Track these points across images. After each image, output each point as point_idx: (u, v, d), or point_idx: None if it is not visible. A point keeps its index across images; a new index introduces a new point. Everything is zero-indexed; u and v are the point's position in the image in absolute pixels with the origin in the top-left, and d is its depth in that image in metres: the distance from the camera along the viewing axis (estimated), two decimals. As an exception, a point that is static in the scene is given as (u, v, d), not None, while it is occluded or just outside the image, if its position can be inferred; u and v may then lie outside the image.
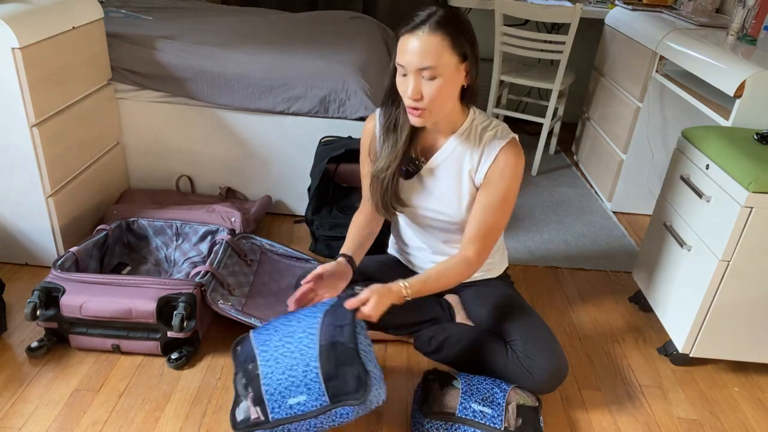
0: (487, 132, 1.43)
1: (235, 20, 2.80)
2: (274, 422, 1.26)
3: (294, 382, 1.26)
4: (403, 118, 1.43)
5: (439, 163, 1.48)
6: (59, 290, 1.59)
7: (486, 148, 1.42)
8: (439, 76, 1.27)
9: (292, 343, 1.30)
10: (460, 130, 1.44)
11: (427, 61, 1.25)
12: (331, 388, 1.25)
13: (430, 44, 1.24)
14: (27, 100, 1.72)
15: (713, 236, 1.57)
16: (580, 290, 2.10)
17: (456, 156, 1.46)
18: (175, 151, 2.35)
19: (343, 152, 2.07)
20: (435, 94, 1.28)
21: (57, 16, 1.82)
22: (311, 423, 1.26)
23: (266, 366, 1.30)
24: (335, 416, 1.27)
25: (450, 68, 1.28)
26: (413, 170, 1.49)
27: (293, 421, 1.25)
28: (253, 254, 2.00)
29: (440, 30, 1.25)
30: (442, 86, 1.28)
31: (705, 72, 1.93)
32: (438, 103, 1.31)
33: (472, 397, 1.42)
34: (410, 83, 1.29)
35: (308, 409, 1.25)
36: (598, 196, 2.81)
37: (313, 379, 1.25)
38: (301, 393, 1.25)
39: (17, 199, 1.87)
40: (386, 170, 1.46)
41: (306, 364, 1.26)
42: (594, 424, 1.55)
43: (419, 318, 1.67)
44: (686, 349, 1.69)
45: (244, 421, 1.28)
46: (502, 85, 3.30)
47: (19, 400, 1.49)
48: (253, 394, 1.29)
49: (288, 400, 1.25)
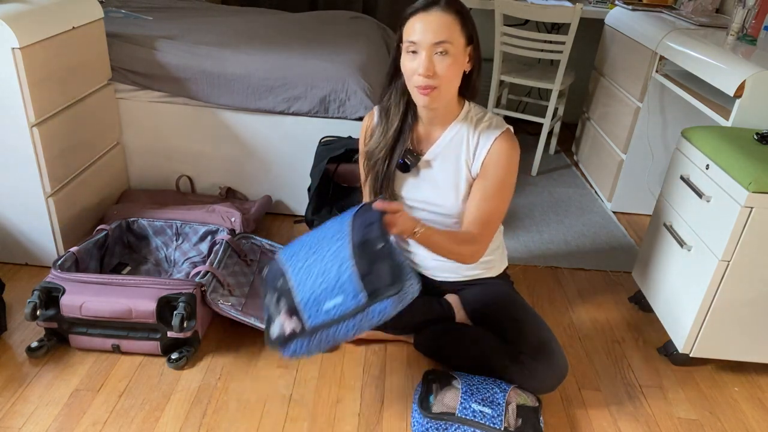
0: (482, 123, 1.47)
1: (235, 20, 2.80)
2: (311, 329, 1.21)
3: (328, 286, 1.22)
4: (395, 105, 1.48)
5: (436, 154, 1.50)
6: (59, 290, 1.59)
7: (481, 139, 1.45)
8: (450, 52, 1.33)
9: (323, 249, 1.28)
10: (456, 120, 1.48)
11: (442, 35, 1.31)
12: (367, 284, 1.20)
13: (444, 21, 1.32)
14: (27, 100, 1.72)
15: (713, 236, 1.57)
16: (580, 290, 2.10)
17: (452, 147, 1.48)
18: (175, 151, 2.35)
19: (343, 152, 2.07)
20: (445, 71, 1.33)
21: (57, 16, 1.82)
22: (350, 325, 1.21)
23: (297, 276, 1.27)
24: (374, 314, 1.21)
25: (459, 47, 1.34)
26: (411, 162, 1.51)
27: (331, 324, 1.21)
28: (253, 254, 2.00)
29: (452, 10, 1.33)
30: (452, 64, 1.34)
31: (705, 72, 1.93)
32: (447, 81, 1.36)
33: (472, 397, 1.42)
34: (422, 60, 1.33)
35: (346, 310, 1.20)
36: (598, 196, 2.81)
37: (348, 279, 1.21)
38: (337, 295, 1.21)
39: (17, 199, 1.87)
40: (378, 154, 1.49)
41: (339, 266, 1.23)
42: (594, 424, 1.55)
43: (419, 318, 1.67)
44: (686, 349, 1.69)
45: (280, 336, 1.24)
46: (502, 85, 3.30)
47: (19, 400, 1.49)
48: (287, 307, 1.25)
49: (324, 305, 1.21)
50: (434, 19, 1.32)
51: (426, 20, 1.32)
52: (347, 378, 1.64)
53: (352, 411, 1.53)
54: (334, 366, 1.68)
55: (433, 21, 1.32)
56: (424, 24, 1.32)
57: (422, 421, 1.41)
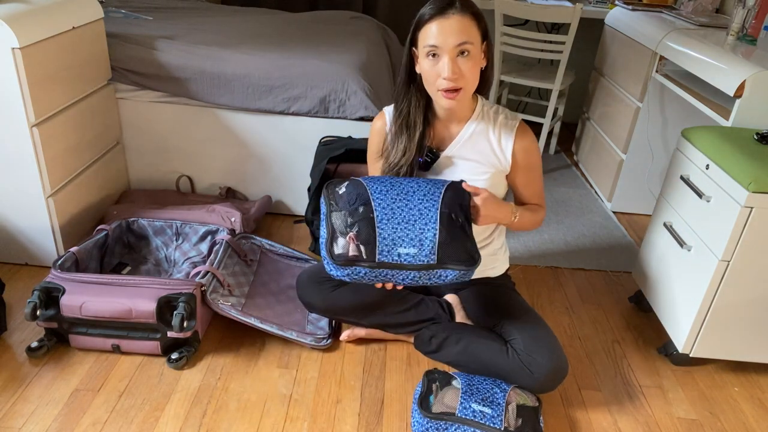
0: (498, 116, 1.52)
1: (234, 20, 2.80)
2: (378, 263, 1.32)
3: (409, 235, 1.34)
4: (415, 112, 1.49)
5: (458, 150, 1.52)
6: (59, 290, 1.59)
7: (503, 133, 1.51)
8: (471, 53, 1.36)
9: (412, 202, 1.38)
10: (473, 116, 1.51)
11: (464, 36, 1.34)
12: (441, 251, 1.33)
13: (463, 22, 1.34)
14: (27, 100, 1.72)
15: (713, 236, 1.57)
16: (580, 290, 2.10)
17: (473, 141, 1.51)
18: (175, 151, 2.35)
19: (343, 152, 2.07)
20: (469, 71, 1.37)
21: (57, 16, 1.82)
22: (410, 275, 1.34)
23: (383, 213, 1.36)
24: (434, 275, 1.35)
25: (477, 47, 1.38)
26: (432, 159, 1.52)
27: (396, 268, 1.32)
28: (253, 254, 2.00)
29: (468, 10, 1.36)
30: (474, 64, 1.38)
31: (705, 72, 1.93)
32: (471, 82, 1.39)
33: (472, 397, 1.42)
34: (446, 63, 1.35)
35: (415, 262, 1.32)
36: (598, 196, 2.81)
37: (429, 238, 1.33)
38: (414, 246, 1.33)
39: (17, 199, 1.87)
40: (401, 166, 1.51)
41: (425, 223, 1.35)
42: (594, 424, 1.55)
43: (419, 318, 1.67)
44: (686, 349, 1.69)
45: (342, 255, 1.33)
46: (502, 85, 3.30)
47: (19, 400, 1.49)
48: (361, 235, 1.34)
49: (398, 249, 1.33)
50: (453, 22, 1.33)
51: (445, 24, 1.33)
52: (347, 378, 1.64)
53: (352, 411, 1.53)
54: (334, 366, 1.68)
55: (453, 24, 1.33)
56: (444, 28, 1.33)
57: (422, 421, 1.41)
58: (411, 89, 1.48)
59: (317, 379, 1.63)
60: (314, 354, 1.71)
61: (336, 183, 1.45)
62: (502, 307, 1.60)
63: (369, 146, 1.62)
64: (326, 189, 1.44)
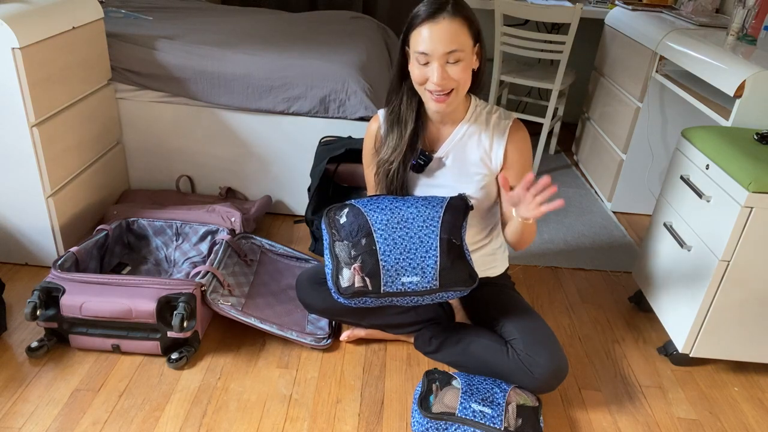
0: (492, 116, 1.51)
1: (235, 20, 2.80)
2: (384, 293, 1.40)
3: (411, 264, 1.40)
4: (407, 111, 1.48)
5: (448, 151, 1.52)
6: (59, 290, 1.59)
7: (495, 132, 1.49)
8: (461, 59, 1.34)
9: (412, 230, 1.43)
10: (466, 117, 1.50)
11: (454, 44, 1.32)
12: (443, 276, 1.40)
13: (453, 28, 1.32)
14: (27, 100, 1.72)
15: (713, 236, 1.57)
16: (580, 290, 2.10)
17: (465, 142, 1.51)
18: (175, 151, 2.35)
19: (343, 152, 2.07)
20: (459, 76, 1.35)
21: (57, 16, 1.82)
22: (414, 299, 1.43)
23: (384, 244, 1.41)
24: (436, 297, 1.43)
25: (468, 50, 1.35)
26: (424, 162, 1.51)
27: (400, 295, 1.41)
28: (253, 254, 2.00)
29: (458, 14, 1.32)
30: (464, 69, 1.36)
31: (705, 72, 1.93)
32: (463, 86, 1.38)
33: (472, 397, 1.42)
34: (436, 70, 1.34)
35: (418, 289, 1.40)
36: (598, 196, 2.81)
37: (430, 266, 1.40)
38: (416, 275, 1.40)
39: (17, 199, 1.87)
40: (392, 162, 1.50)
41: (425, 251, 1.41)
42: (594, 424, 1.55)
43: (419, 318, 1.67)
44: (686, 349, 1.69)
45: (349, 288, 1.40)
46: (502, 85, 3.30)
47: (19, 400, 1.49)
48: (366, 267, 1.39)
49: (402, 278, 1.40)
50: (443, 28, 1.31)
51: (435, 29, 1.31)
52: (347, 378, 1.64)
53: (352, 411, 1.53)
54: (334, 366, 1.68)
55: (443, 30, 1.31)
56: (434, 33, 1.31)
57: (422, 421, 1.41)
58: (403, 87, 1.47)
59: (317, 379, 1.63)
60: (314, 354, 1.71)
61: (336, 210, 1.49)
62: (502, 307, 1.60)
63: (364, 149, 1.62)
64: (327, 217, 1.48)
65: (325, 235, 1.47)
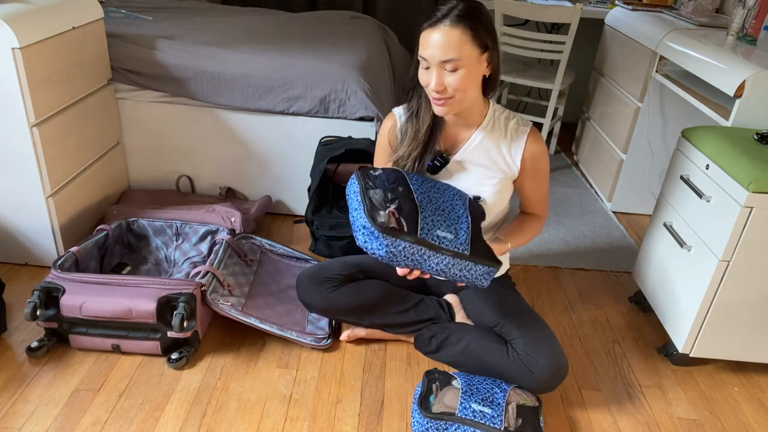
0: (510, 122, 1.51)
1: (235, 20, 2.80)
2: (419, 239, 1.30)
3: (446, 220, 1.35)
4: (425, 108, 1.48)
5: (467, 155, 1.52)
6: (59, 290, 1.59)
7: (513, 139, 1.50)
8: (461, 67, 1.32)
9: (446, 195, 1.41)
10: (484, 122, 1.50)
11: (450, 53, 1.30)
12: (474, 246, 1.35)
13: (451, 37, 1.29)
14: (27, 100, 1.72)
15: (713, 236, 1.57)
16: (580, 290, 2.10)
17: (483, 147, 1.51)
18: (175, 151, 2.35)
19: (343, 152, 2.07)
20: (457, 84, 1.34)
21: (57, 16, 1.82)
22: (444, 260, 1.31)
23: (422, 195, 1.37)
24: (465, 267, 1.33)
25: (472, 59, 1.33)
26: (441, 164, 1.51)
27: (434, 249, 1.30)
28: (253, 254, 2.00)
29: (461, 23, 1.30)
30: (465, 77, 1.33)
31: (705, 72, 1.93)
32: (461, 93, 1.36)
33: (472, 397, 1.42)
34: (433, 76, 1.34)
35: (451, 247, 1.32)
36: (598, 196, 2.81)
37: (464, 229, 1.36)
38: (450, 232, 1.34)
39: (17, 199, 1.87)
40: (407, 158, 1.50)
41: (458, 216, 1.38)
42: (594, 424, 1.55)
43: (419, 318, 1.67)
44: (686, 349, 1.69)
45: (384, 224, 1.29)
46: (502, 85, 3.30)
47: (19, 400, 1.49)
48: (403, 211, 1.32)
49: (437, 230, 1.33)
50: (442, 36, 1.29)
51: (435, 36, 1.30)
52: (347, 378, 1.64)
53: (352, 411, 1.53)
54: (334, 366, 1.68)
55: (441, 38, 1.29)
56: (433, 40, 1.30)
57: (422, 421, 1.41)
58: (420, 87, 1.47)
59: (317, 379, 1.63)
60: (314, 354, 1.71)
61: (369, 168, 1.46)
62: (503, 307, 1.60)
63: (377, 147, 1.62)
64: (359, 172, 1.43)
65: (354, 186, 1.39)
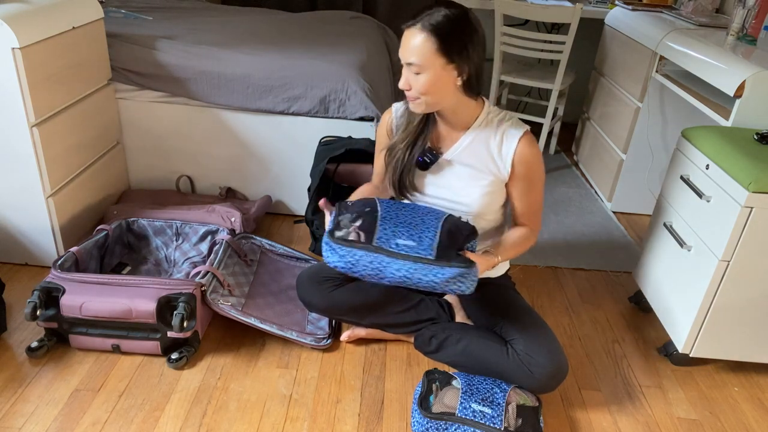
0: (502, 125, 1.49)
1: (234, 20, 2.80)
2: (375, 247, 1.31)
3: (409, 231, 1.35)
4: None
5: (458, 155, 1.52)
6: (59, 290, 1.59)
7: (505, 142, 1.48)
8: (423, 72, 1.34)
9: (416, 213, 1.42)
10: (475, 123, 1.49)
11: (411, 57, 1.33)
12: (440, 251, 1.31)
13: (415, 42, 1.32)
14: (27, 100, 1.72)
15: (713, 236, 1.57)
16: (580, 290, 2.10)
17: (474, 148, 1.50)
18: (175, 151, 2.35)
19: (343, 152, 2.07)
20: (421, 88, 1.36)
21: (57, 16, 1.82)
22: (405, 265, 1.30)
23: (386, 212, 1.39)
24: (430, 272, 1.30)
25: (435, 67, 1.34)
26: (431, 160, 1.52)
27: (392, 255, 1.30)
28: (253, 254, 2.00)
29: (428, 31, 1.31)
30: (427, 83, 1.35)
31: (705, 72, 1.93)
32: (428, 96, 1.37)
33: (472, 397, 1.42)
34: (402, 74, 1.38)
35: (412, 253, 1.30)
36: (598, 196, 2.81)
37: (429, 237, 1.33)
38: (413, 240, 1.33)
39: (17, 199, 1.87)
40: (401, 144, 1.52)
41: (427, 227, 1.36)
42: (594, 424, 1.55)
43: (419, 318, 1.67)
44: (686, 349, 1.69)
45: (343, 237, 1.34)
46: (502, 85, 3.30)
47: (19, 400, 1.49)
48: (363, 226, 1.35)
49: (396, 239, 1.33)
50: (408, 39, 1.33)
51: (404, 37, 1.35)
52: (347, 378, 1.64)
53: (352, 411, 1.53)
54: (334, 366, 1.68)
55: (407, 41, 1.34)
56: (403, 41, 1.35)
57: (422, 421, 1.41)
58: None
59: (317, 379, 1.63)
60: (314, 354, 1.71)
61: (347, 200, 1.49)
62: (502, 307, 1.60)
63: (376, 140, 1.66)
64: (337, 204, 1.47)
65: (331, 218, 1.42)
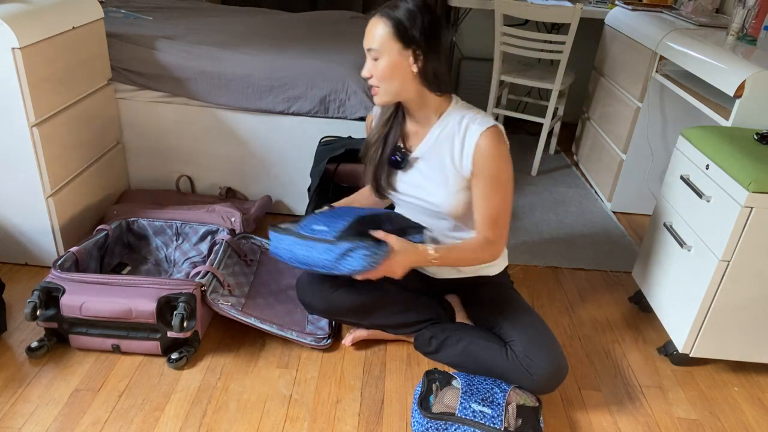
0: (465, 120, 1.46)
1: (235, 20, 2.80)
2: (297, 233, 1.46)
3: (327, 220, 1.47)
4: None
5: (423, 152, 1.52)
6: (59, 290, 1.59)
7: (467, 137, 1.45)
8: (380, 57, 1.39)
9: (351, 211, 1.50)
10: (440, 119, 1.49)
11: (370, 42, 1.38)
12: (342, 233, 1.40)
13: (374, 28, 1.38)
14: (27, 100, 1.72)
15: (713, 236, 1.57)
16: (580, 290, 2.10)
17: (439, 145, 1.50)
18: (175, 151, 2.35)
19: (343, 152, 2.07)
20: (379, 74, 1.40)
21: (57, 16, 1.82)
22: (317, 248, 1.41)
23: (337, 210, 1.52)
24: (339, 253, 1.38)
25: (392, 53, 1.38)
26: (401, 158, 1.54)
27: (309, 239, 1.43)
28: (253, 254, 2.00)
29: (387, 17, 1.37)
30: (384, 68, 1.39)
31: (705, 72, 1.93)
32: (384, 83, 1.41)
33: (472, 397, 1.42)
34: (366, 63, 1.42)
35: (319, 236, 1.43)
36: (598, 196, 2.81)
37: (341, 224, 1.43)
38: (326, 226, 1.45)
39: (17, 199, 1.87)
40: (374, 138, 1.57)
41: (348, 218, 1.46)
42: (594, 424, 1.55)
43: (419, 318, 1.67)
44: (686, 349, 1.69)
45: (280, 227, 1.50)
46: (502, 85, 3.30)
47: (19, 400, 1.49)
48: (292, 224, 1.51)
49: (312, 226, 1.47)
50: (370, 27, 1.39)
51: (367, 27, 1.40)
52: (347, 378, 1.64)
53: (352, 411, 1.53)
54: (334, 366, 1.68)
55: (369, 29, 1.39)
56: (365, 30, 1.40)
57: (422, 421, 1.41)
58: None
59: (317, 379, 1.63)
60: (314, 354, 1.71)
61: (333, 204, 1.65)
62: (502, 308, 1.60)
63: None
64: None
65: None
